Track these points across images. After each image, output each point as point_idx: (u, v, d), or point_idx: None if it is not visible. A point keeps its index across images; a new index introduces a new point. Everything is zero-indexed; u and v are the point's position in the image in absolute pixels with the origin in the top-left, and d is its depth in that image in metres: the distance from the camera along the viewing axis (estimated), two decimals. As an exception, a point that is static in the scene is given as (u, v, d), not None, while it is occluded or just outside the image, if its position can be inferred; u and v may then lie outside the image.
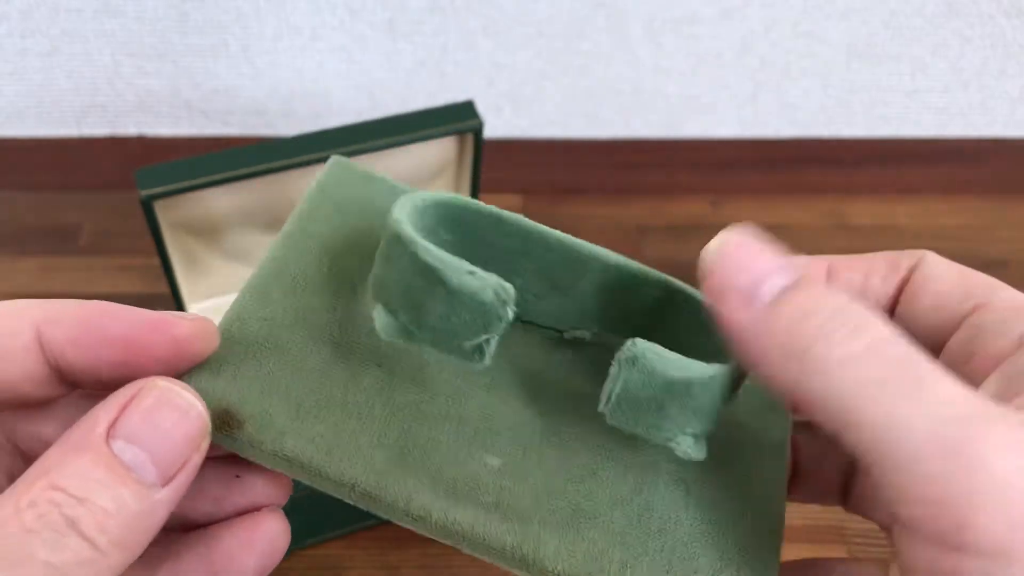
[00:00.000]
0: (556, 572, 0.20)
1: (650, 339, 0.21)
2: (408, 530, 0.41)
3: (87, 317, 0.20)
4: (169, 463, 0.19)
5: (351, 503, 0.21)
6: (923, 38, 0.60)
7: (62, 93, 0.62)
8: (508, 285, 0.20)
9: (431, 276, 0.20)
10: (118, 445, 0.18)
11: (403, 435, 0.21)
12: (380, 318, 0.21)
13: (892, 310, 0.23)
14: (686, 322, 0.23)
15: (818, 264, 0.24)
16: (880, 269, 0.23)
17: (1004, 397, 0.20)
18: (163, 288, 0.53)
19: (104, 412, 0.19)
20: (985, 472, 0.17)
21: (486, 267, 0.21)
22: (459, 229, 0.23)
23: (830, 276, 0.24)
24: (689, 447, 0.21)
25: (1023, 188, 0.61)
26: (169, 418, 0.19)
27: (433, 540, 0.32)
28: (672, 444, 0.21)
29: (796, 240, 0.57)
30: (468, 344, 0.20)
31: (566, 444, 0.22)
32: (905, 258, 0.23)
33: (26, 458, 0.22)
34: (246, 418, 0.20)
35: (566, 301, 0.24)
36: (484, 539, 0.20)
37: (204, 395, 0.20)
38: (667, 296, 0.23)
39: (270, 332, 0.22)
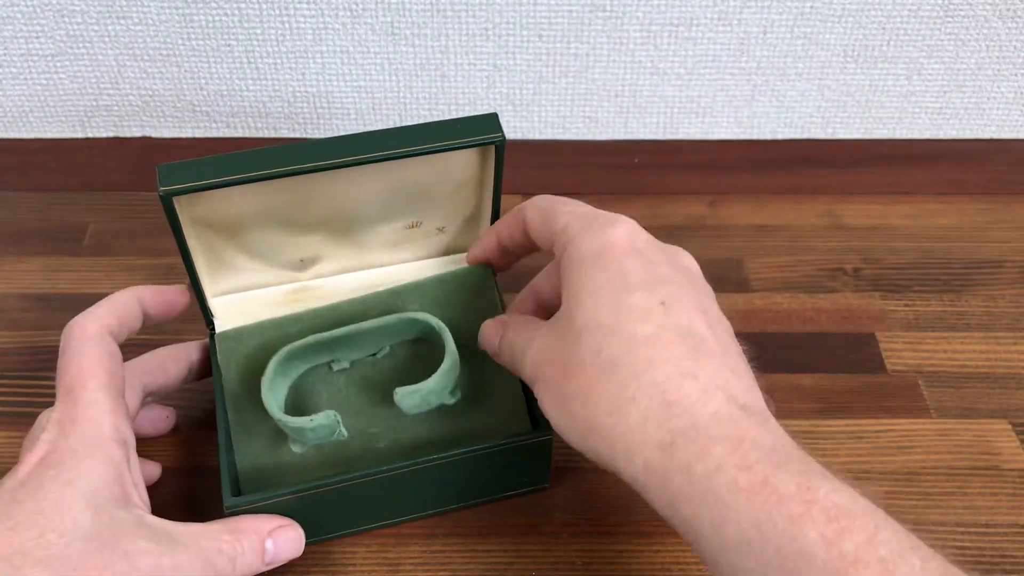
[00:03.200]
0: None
1: (408, 342, 0.45)
2: (409, 528, 0.42)
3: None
4: (281, 560, 0.38)
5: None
6: (918, 40, 0.60)
7: (67, 95, 0.63)
8: (333, 412, 0.40)
9: (298, 429, 0.40)
10: (268, 542, 0.38)
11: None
12: (292, 447, 0.42)
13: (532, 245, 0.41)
14: (420, 328, 0.44)
15: (491, 238, 0.44)
16: (508, 223, 0.42)
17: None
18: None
19: (273, 522, 0.38)
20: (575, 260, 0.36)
21: (319, 355, 0.43)
22: (296, 355, 0.42)
23: (499, 238, 0.43)
24: (449, 398, 0.42)
25: (1018, 189, 0.61)
26: (296, 547, 0.39)
27: (433, 538, 0.43)
28: (444, 402, 0.42)
29: (792, 240, 0.57)
30: (332, 437, 0.41)
31: (399, 424, 0.43)
32: (516, 212, 0.41)
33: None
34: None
35: (365, 350, 0.44)
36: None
37: None
38: (409, 323, 0.43)
39: (258, 463, 0.42)
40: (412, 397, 0.41)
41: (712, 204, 0.60)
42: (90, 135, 0.65)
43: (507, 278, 0.54)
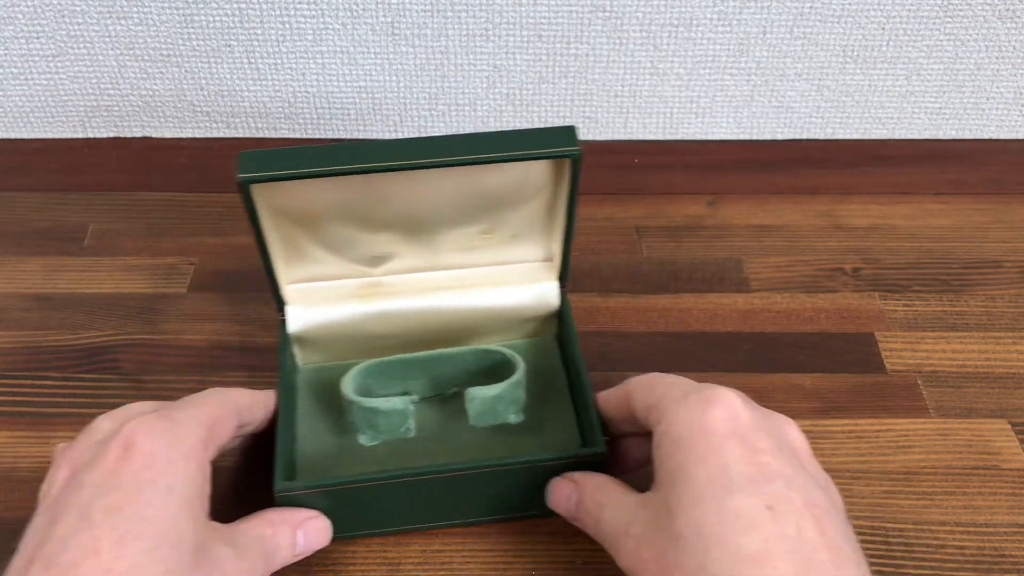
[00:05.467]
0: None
1: (482, 378, 0.45)
2: (409, 527, 0.42)
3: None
4: (309, 551, 0.39)
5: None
6: (918, 41, 0.60)
7: (67, 95, 0.63)
8: (407, 397, 0.43)
9: (372, 410, 0.43)
10: (299, 534, 0.38)
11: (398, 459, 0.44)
12: (360, 438, 0.44)
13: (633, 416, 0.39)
14: (492, 360, 0.46)
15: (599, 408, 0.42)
16: (615, 396, 0.40)
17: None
18: (167, 288, 0.54)
19: (303, 515, 0.39)
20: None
21: (393, 381, 0.46)
22: (375, 372, 0.45)
23: (605, 410, 0.41)
24: (514, 418, 0.44)
25: (1017, 189, 0.61)
26: (324, 537, 0.40)
27: (432, 538, 0.44)
28: (508, 419, 0.44)
29: (792, 240, 0.58)
30: (401, 429, 0.43)
31: (459, 439, 0.45)
32: (623, 385, 0.40)
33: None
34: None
35: (437, 382, 0.47)
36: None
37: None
38: (482, 354, 0.46)
39: (323, 465, 0.44)
40: (483, 400, 0.43)
41: (712, 204, 0.60)
42: (90, 135, 0.65)
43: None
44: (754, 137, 0.65)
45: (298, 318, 0.46)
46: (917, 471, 0.45)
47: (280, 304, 0.46)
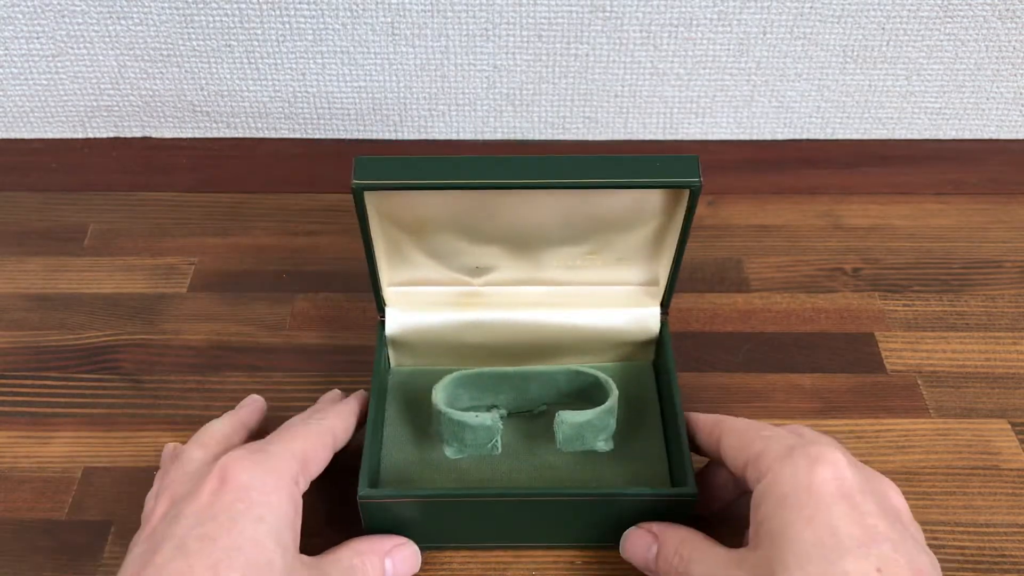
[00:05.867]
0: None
1: (572, 398, 0.46)
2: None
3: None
4: None
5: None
6: (918, 41, 0.60)
7: (67, 95, 0.63)
8: (495, 415, 0.42)
9: (460, 424, 0.42)
10: (388, 562, 0.38)
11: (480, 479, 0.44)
12: (446, 449, 0.43)
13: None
14: (585, 381, 0.45)
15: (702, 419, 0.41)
16: (703, 433, 0.40)
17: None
18: (167, 288, 0.54)
19: (390, 542, 0.39)
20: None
21: (484, 393, 0.45)
22: (466, 383, 0.45)
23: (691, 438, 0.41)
24: (602, 445, 0.43)
25: (1017, 189, 0.61)
26: (413, 563, 0.40)
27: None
28: (596, 446, 0.43)
29: (792, 240, 0.58)
30: (488, 446, 0.42)
31: (544, 461, 0.45)
32: (714, 425, 0.40)
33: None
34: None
35: (527, 398, 0.46)
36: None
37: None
38: (575, 375, 0.45)
39: (406, 473, 0.44)
40: (571, 426, 0.42)
41: (712, 204, 0.60)
42: (90, 135, 0.65)
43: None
44: (754, 137, 0.65)
45: (396, 320, 0.46)
46: (917, 471, 0.45)
47: (381, 306, 0.46)
